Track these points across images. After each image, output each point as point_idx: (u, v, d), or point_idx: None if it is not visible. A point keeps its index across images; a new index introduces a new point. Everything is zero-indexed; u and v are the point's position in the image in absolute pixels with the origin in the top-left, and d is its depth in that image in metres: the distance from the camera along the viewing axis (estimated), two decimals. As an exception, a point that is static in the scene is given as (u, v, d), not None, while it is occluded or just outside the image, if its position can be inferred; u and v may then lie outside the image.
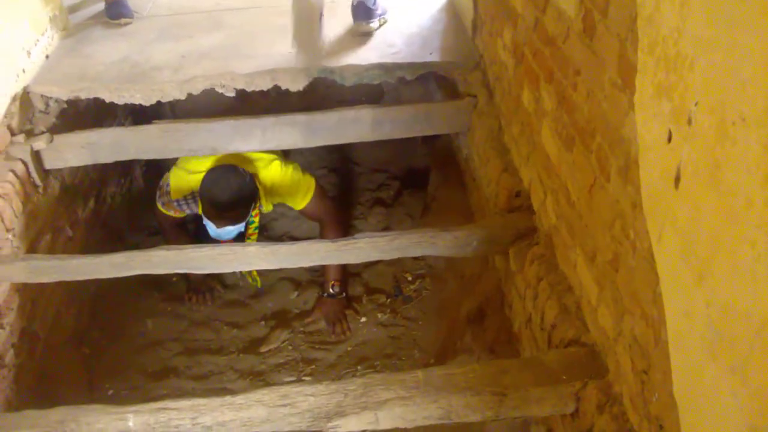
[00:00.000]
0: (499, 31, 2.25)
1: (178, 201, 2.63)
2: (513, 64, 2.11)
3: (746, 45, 0.86)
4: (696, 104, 1.00)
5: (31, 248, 2.33)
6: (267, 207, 2.72)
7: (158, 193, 2.71)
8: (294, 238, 3.01)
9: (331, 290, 2.70)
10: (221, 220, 2.43)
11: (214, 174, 2.47)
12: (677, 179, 1.06)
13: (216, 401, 1.49)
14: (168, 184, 2.66)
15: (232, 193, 2.39)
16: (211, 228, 2.49)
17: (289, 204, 2.75)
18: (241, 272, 2.84)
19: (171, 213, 2.70)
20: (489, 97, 2.44)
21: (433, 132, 2.71)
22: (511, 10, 2.07)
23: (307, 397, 1.48)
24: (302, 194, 2.69)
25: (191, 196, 2.61)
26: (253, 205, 2.49)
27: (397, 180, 3.41)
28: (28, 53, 2.60)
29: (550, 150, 1.78)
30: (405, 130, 2.60)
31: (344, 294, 2.74)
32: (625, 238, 1.32)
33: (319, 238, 2.69)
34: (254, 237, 2.67)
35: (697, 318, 1.04)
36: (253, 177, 2.55)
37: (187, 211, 2.69)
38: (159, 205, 2.71)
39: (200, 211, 2.53)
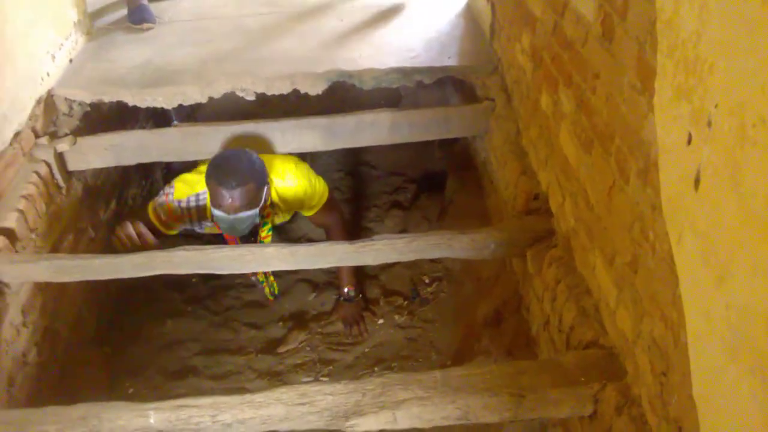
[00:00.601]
0: (518, 35, 2.26)
1: (179, 201, 2.44)
2: (531, 68, 2.11)
3: (765, 47, 0.87)
4: (716, 106, 1.00)
5: (54, 248, 2.36)
6: (284, 216, 2.67)
7: (155, 200, 2.49)
8: (311, 240, 3.03)
9: (346, 295, 2.71)
10: (233, 203, 2.23)
11: (221, 154, 2.37)
12: (697, 181, 1.07)
13: (236, 399, 1.51)
14: (173, 186, 2.48)
15: (243, 167, 2.25)
16: (223, 219, 2.29)
17: (301, 211, 2.69)
18: (259, 280, 2.79)
19: (156, 222, 2.44)
20: (507, 100, 2.45)
21: (451, 135, 2.73)
22: (530, 15, 2.08)
23: (326, 396, 1.50)
24: (315, 201, 2.62)
25: (195, 198, 2.44)
26: (265, 189, 2.35)
27: (414, 183, 3.43)
28: (53, 57, 2.64)
29: (568, 153, 1.79)
30: (423, 134, 2.62)
31: (360, 296, 2.75)
32: (644, 240, 1.32)
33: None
34: (268, 240, 2.59)
35: (717, 320, 1.04)
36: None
37: (180, 226, 2.50)
38: (150, 206, 2.47)
39: (208, 211, 2.40)
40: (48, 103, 2.55)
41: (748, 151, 0.92)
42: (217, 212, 2.29)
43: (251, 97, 2.61)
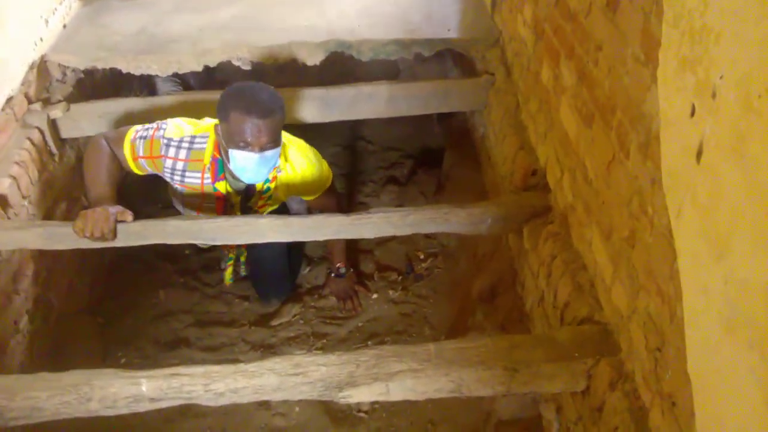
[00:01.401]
0: (520, 7, 2.22)
1: (170, 140, 2.08)
2: (533, 41, 2.08)
3: (776, 15, 0.85)
4: (721, 77, 0.98)
5: (47, 216, 2.34)
6: (283, 194, 2.33)
7: (137, 130, 2.12)
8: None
9: (337, 271, 2.64)
10: (261, 137, 1.92)
11: (239, 84, 2.02)
12: (699, 154, 1.05)
13: (229, 368, 1.50)
14: (167, 123, 2.13)
15: (268, 95, 1.96)
16: (249, 161, 1.96)
17: (302, 195, 2.41)
18: (228, 256, 2.59)
19: (129, 157, 2.11)
20: (507, 74, 2.42)
21: (449, 109, 2.70)
22: (532, -14, 2.05)
23: (319, 367, 1.49)
24: (318, 186, 2.35)
25: (190, 140, 2.09)
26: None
27: (411, 158, 3.40)
28: (46, 22, 2.60)
29: (568, 127, 1.77)
30: (421, 107, 2.59)
31: (352, 270, 2.69)
32: (642, 214, 1.30)
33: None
34: (266, 210, 2.36)
35: (715, 294, 1.03)
36: None
37: (152, 170, 2.16)
38: (128, 136, 2.10)
39: (202, 162, 2.10)
40: (41, 68, 2.51)
41: (753, 123, 0.90)
42: (240, 153, 1.94)
43: (247, 67, 2.58)
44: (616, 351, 1.49)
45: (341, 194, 2.65)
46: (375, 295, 2.67)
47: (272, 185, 2.24)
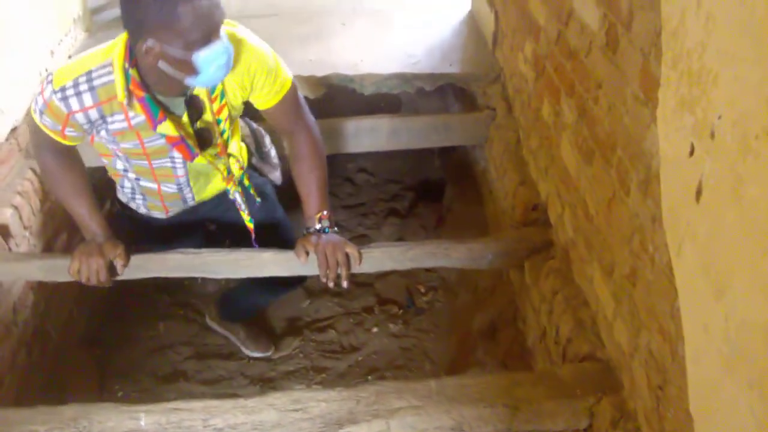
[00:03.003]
0: (521, 44, 2.25)
1: (62, 90, 1.55)
2: (533, 77, 2.11)
3: (773, 58, 0.86)
4: (719, 118, 0.99)
5: (48, 247, 2.35)
6: (235, 97, 1.74)
7: (34, 109, 1.64)
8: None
9: (318, 225, 1.86)
10: (218, 12, 1.48)
11: None
12: (698, 193, 1.06)
13: (228, 403, 1.49)
14: (50, 76, 1.59)
15: None
16: (219, 54, 1.49)
17: (256, 98, 1.78)
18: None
19: (55, 129, 1.64)
20: (508, 110, 2.44)
21: (450, 143, 2.72)
22: (533, 24, 2.08)
23: (319, 403, 1.48)
24: (278, 83, 1.76)
25: (87, 78, 1.56)
26: None
27: (412, 191, 3.41)
28: (52, 53, 2.63)
29: (569, 163, 1.78)
30: (422, 141, 2.61)
31: (336, 228, 1.91)
32: (643, 252, 1.31)
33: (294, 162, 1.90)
34: (224, 115, 1.75)
35: (716, 333, 1.02)
36: None
37: (73, 132, 1.65)
38: (37, 120, 1.64)
39: (118, 98, 1.56)
40: (46, 99, 2.53)
41: (751, 163, 0.91)
42: (208, 51, 1.47)
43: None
44: (619, 388, 1.48)
45: (313, 121, 1.90)
46: (375, 329, 2.66)
47: (224, 121, 1.77)
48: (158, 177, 1.82)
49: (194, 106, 1.70)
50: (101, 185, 2.82)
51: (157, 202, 1.94)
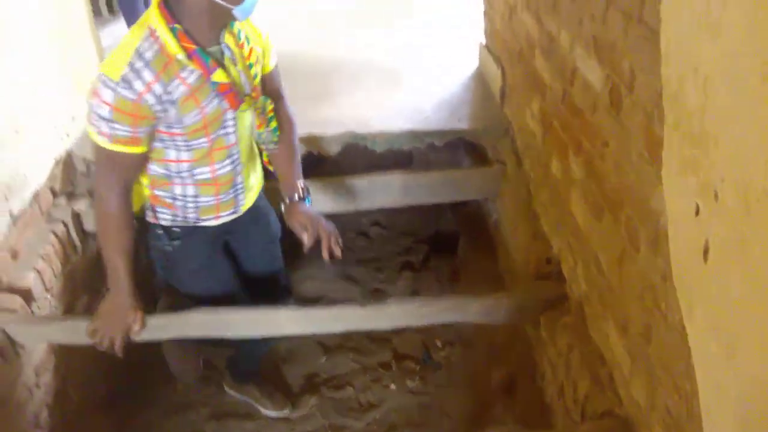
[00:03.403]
0: (528, 100, 2.30)
1: (123, 81, 1.52)
2: (541, 133, 2.14)
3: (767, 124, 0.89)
4: (722, 180, 1.01)
5: (69, 309, 2.38)
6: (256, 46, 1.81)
7: (99, 122, 1.57)
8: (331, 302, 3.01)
9: (301, 195, 1.93)
10: None
11: None
12: (706, 253, 1.07)
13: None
14: (102, 76, 1.54)
15: None
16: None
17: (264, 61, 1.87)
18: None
19: (128, 135, 1.59)
20: (518, 163, 2.48)
21: (462, 198, 2.75)
22: (539, 81, 2.13)
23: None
24: (272, 51, 1.90)
25: (138, 55, 1.55)
26: None
27: (426, 244, 3.43)
28: (73, 118, 2.71)
29: (579, 218, 1.80)
30: (434, 196, 2.65)
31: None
32: (656, 309, 1.31)
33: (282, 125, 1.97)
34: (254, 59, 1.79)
35: (728, 391, 1.03)
36: None
37: (145, 123, 1.60)
38: (106, 143, 1.60)
39: (171, 61, 1.58)
40: (67, 163, 2.60)
41: (754, 225, 0.93)
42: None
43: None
44: (637, 446, 1.46)
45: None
46: (393, 386, 2.65)
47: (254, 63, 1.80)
48: (214, 155, 1.78)
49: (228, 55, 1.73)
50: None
51: (211, 200, 1.87)
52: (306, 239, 1.83)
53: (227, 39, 1.69)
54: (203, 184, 1.83)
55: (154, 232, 1.93)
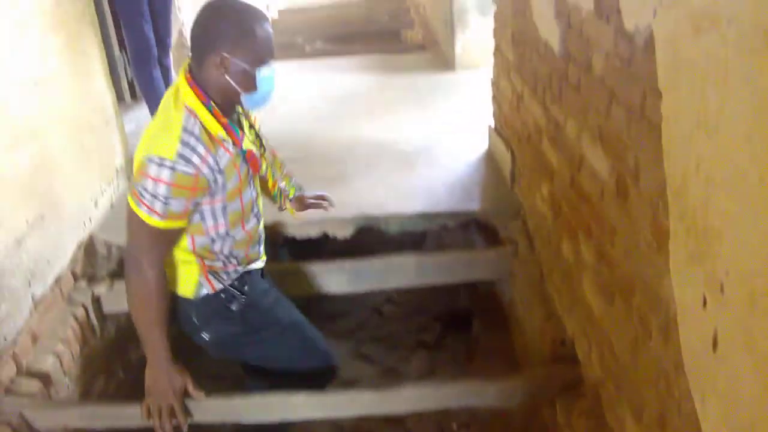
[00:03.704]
0: (537, 183, 2.36)
1: (179, 156, 1.60)
2: (552, 216, 2.19)
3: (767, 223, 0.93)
4: (726, 273, 1.05)
5: (85, 391, 2.40)
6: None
7: (153, 202, 1.62)
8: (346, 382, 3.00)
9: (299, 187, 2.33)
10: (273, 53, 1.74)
11: (211, 4, 1.69)
12: (715, 344, 1.09)
13: None
14: (156, 159, 1.60)
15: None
16: (272, 74, 1.73)
17: None
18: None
19: (181, 210, 1.67)
20: (529, 244, 2.52)
21: (475, 278, 2.78)
22: (548, 166, 2.19)
23: None
24: None
25: (185, 132, 1.63)
26: None
27: (440, 322, 3.43)
28: (96, 203, 2.80)
29: (592, 302, 1.82)
30: (448, 276, 2.68)
31: None
32: (669, 397, 1.32)
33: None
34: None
35: (747, 486, 1.03)
36: None
37: (209, 179, 1.67)
38: (158, 221, 1.65)
39: (213, 135, 1.68)
40: (88, 246, 2.68)
41: (760, 320, 0.96)
42: (267, 71, 1.70)
43: (280, 242, 2.72)
44: None
45: None
46: (409, 470, 2.61)
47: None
48: (246, 214, 1.86)
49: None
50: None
51: (241, 252, 1.92)
52: (325, 206, 2.32)
53: (238, 108, 1.85)
54: (238, 242, 1.90)
55: (221, 300, 1.91)
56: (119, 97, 3.85)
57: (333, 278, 2.61)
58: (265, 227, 2.05)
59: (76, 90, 2.65)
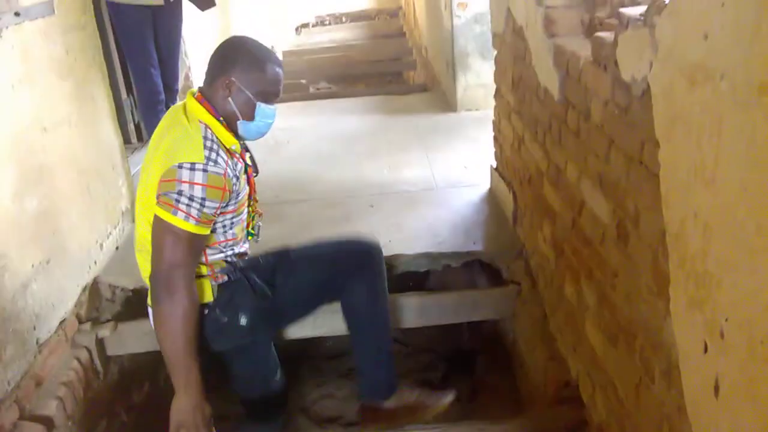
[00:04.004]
0: (539, 224, 2.38)
1: (207, 159, 1.70)
2: (554, 257, 2.21)
3: (765, 271, 0.94)
4: (726, 320, 1.06)
5: (88, 435, 2.39)
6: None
7: (190, 205, 1.68)
8: (349, 424, 2.98)
9: None
10: (278, 97, 1.90)
11: (244, 37, 1.91)
12: (717, 389, 1.10)
13: None
14: (187, 165, 1.68)
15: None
16: (273, 113, 1.86)
17: None
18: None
19: (213, 212, 1.74)
20: (532, 284, 2.53)
21: (478, 318, 2.79)
22: (549, 208, 2.21)
23: None
24: None
25: (207, 141, 1.74)
26: None
27: (445, 361, 3.42)
28: (101, 246, 2.83)
29: (595, 344, 1.83)
30: (451, 316, 2.69)
31: None
32: (674, 442, 1.32)
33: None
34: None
35: None
36: None
37: (230, 171, 1.77)
38: (192, 226, 1.70)
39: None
40: (93, 289, 2.69)
41: (761, 367, 0.97)
42: (269, 108, 1.84)
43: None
44: None
45: None
46: None
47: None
48: (244, 229, 1.99)
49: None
50: (142, 369, 2.89)
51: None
52: None
53: None
54: (239, 253, 1.99)
55: (238, 282, 1.94)
56: (126, 140, 3.91)
57: (337, 319, 2.61)
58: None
59: (83, 135, 2.70)
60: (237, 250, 1.96)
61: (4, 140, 2.15)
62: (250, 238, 2.07)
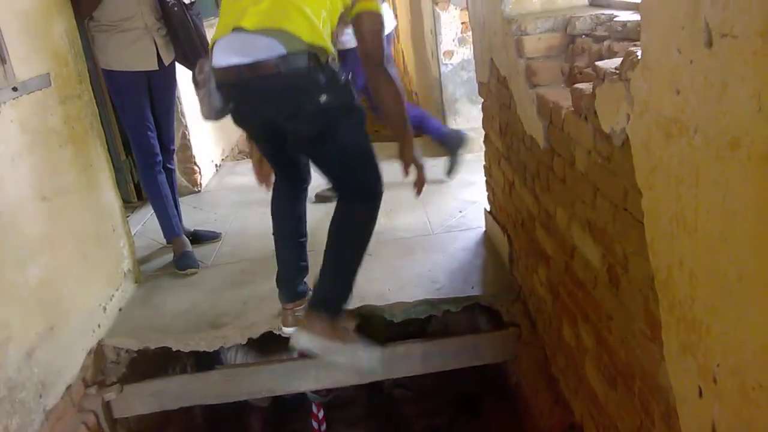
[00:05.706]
0: (534, 267, 2.41)
1: None
2: (551, 299, 2.24)
3: (750, 319, 0.98)
4: (717, 365, 1.09)
5: (97, 501, 2.39)
6: None
7: None
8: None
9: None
10: None
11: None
12: (714, 434, 1.13)
13: None
14: None
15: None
16: None
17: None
18: None
19: None
20: (532, 326, 2.55)
21: (481, 362, 2.80)
22: (542, 251, 2.25)
23: None
24: None
25: None
26: None
27: (450, 405, 3.43)
28: (104, 309, 2.85)
29: (595, 386, 1.84)
30: (454, 362, 2.71)
31: None
32: (678, 485, 1.34)
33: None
34: None
35: None
36: None
37: None
38: (380, 6, 2.21)
39: None
40: (98, 352, 2.71)
41: (754, 413, 0.99)
42: None
43: (287, 336, 2.75)
44: None
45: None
46: None
47: None
48: None
49: None
50: (149, 429, 2.87)
51: None
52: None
53: None
54: None
55: (338, 74, 2.14)
56: (125, 200, 3.95)
57: (339, 371, 2.63)
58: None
59: (83, 201, 2.74)
60: None
61: (5, 211, 2.19)
62: None
